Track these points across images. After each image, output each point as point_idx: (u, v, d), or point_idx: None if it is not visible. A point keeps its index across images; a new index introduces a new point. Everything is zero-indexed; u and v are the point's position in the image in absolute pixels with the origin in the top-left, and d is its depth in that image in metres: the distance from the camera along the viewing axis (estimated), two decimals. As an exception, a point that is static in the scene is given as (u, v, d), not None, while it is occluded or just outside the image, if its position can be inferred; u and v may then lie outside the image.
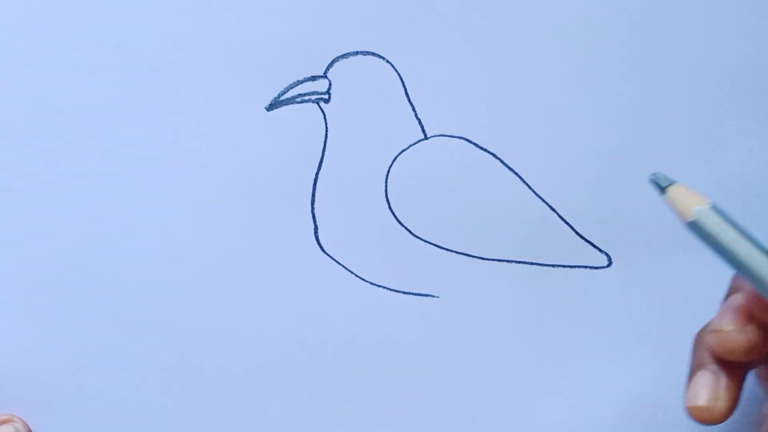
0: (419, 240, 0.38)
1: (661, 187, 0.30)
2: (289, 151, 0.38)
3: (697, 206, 0.29)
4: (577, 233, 0.38)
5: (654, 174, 0.30)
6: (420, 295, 0.38)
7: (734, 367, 0.30)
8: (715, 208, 0.29)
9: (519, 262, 0.38)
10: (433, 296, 0.38)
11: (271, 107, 0.37)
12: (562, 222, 0.38)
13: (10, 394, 0.37)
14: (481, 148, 0.38)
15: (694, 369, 0.32)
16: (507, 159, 0.38)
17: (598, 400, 0.38)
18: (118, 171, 0.37)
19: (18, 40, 0.37)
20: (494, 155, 0.38)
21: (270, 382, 0.38)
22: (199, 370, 0.38)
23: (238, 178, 0.37)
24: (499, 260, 0.38)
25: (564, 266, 0.38)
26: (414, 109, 0.38)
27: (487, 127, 0.38)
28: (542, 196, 0.38)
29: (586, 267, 0.38)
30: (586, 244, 0.38)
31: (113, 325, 0.38)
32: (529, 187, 0.38)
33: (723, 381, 0.31)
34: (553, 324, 0.37)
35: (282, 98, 0.37)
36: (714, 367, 0.31)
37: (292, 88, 0.37)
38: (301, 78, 0.37)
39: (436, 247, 0.38)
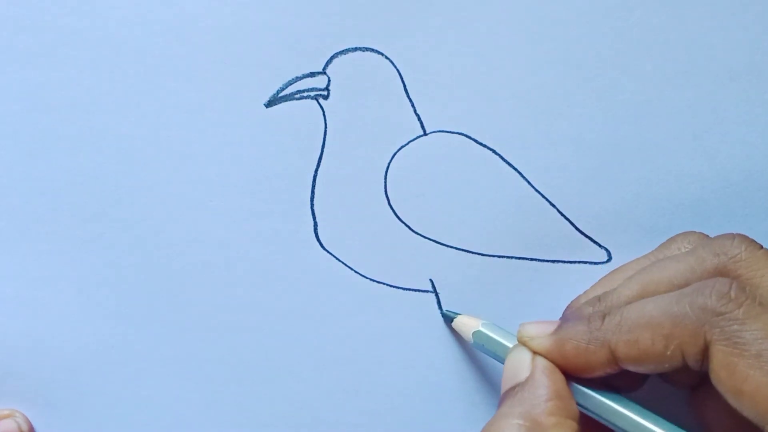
0: (418, 236, 0.38)
1: (450, 318, 0.37)
2: (288, 147, 0.38)
3: (473, 328, 0.36)
4: (576, 229, 0.38)
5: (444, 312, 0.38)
6: (419, 291, 0.38)
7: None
8: (486, 326, 0.36)
9: (518, 258, 0.38)
10: (432, 292, 0.38)
11: (270, 104, 0.37)
12: (562, 217, 0.38)
13: (12, 389, 0.38)
14: (481, 143, 0.38)
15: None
16: (506, 154, 0.38)
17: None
18: (117, 168, 0.37)
19: (15, 37, 0.37)
20: (493, 151, 0.38)
21: (269, 378, 0.38)
22: (199, 366, 0.38)
23: (237, 175, 0.38)
24: (499, 256, 0.38)
25: (564, 262, 0.38)
26: (413, 105, 0.38)
27: (487, 122, 0.38)
28: (542, 192, 0.38)
29: (585, 262, 0.38)
30: (586, 239, 0.38)
31: (113, 321, 0.38)
32: (529, 182, 0.38)
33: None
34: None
35: (281, 95, 0.37)
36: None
37: (290, 84, 0.37)
38: (300, 74, 0.37)
39: (435, 243, 0.38)
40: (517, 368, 0.33)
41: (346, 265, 0.38)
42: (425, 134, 0.38)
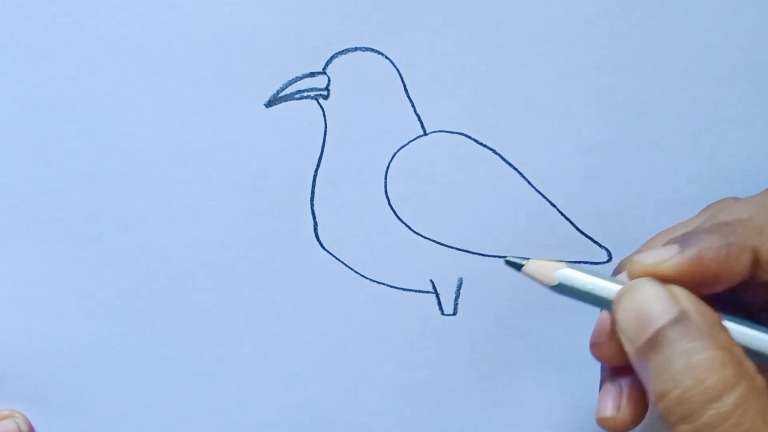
0: (418, 236, 0.38)
1: (518, 265, 0.32)
2: (289, 147, 0.38)
3: (556, 270, 0.31)
4: (577, 229, 0.38)
5: (506, 258, 0.32)
6: (419, 291, 0.38)
7: (634, 377, 0.30)
8: (570, 266, 0.31)
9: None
10: (432, 292, 0.38)
11: (270, 104, 0.37)
12: (562, 217, 0.38)
13: (12, 389, 0.38)
14: (481, 143, 0.38)
15: (602, 380, 0.32)
16: (506, 154, 0.38)
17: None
18: (117, 168, 0.37)
19: (15, 37, 0.37)
20: (494, 151, 0.38)
21: (269, 378, 0.38)
22: (198, 366, 0.38)
23: (237, 175, 0.37)
24: (499, 256, 0.38)
25: (564, 262, 0.38)
26: (413, 105, 0.38)
27: (487, 122, 0.38)
28: (542, 192, 0.38)
29: (585, 262, 0.38)
30: (586, 239, 0.38)
31: (113, 321, 0.38)
32: (529, 182, 0.38)
33: (626, 390, 0.31)
34: (553, 320, 0.37)
35: (281, 95, 0.37)
36: (616, 377, 0.31)
37: (291, 84, 0.37)
38: (300, 74, 0.37)
39: (435, 243, 0.38)
40: (657, 307, 0.27)
41: (346, 265, 0.38)
42: (425, 134, 0.38)
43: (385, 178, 0.38)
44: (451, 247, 0.38)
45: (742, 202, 0.32)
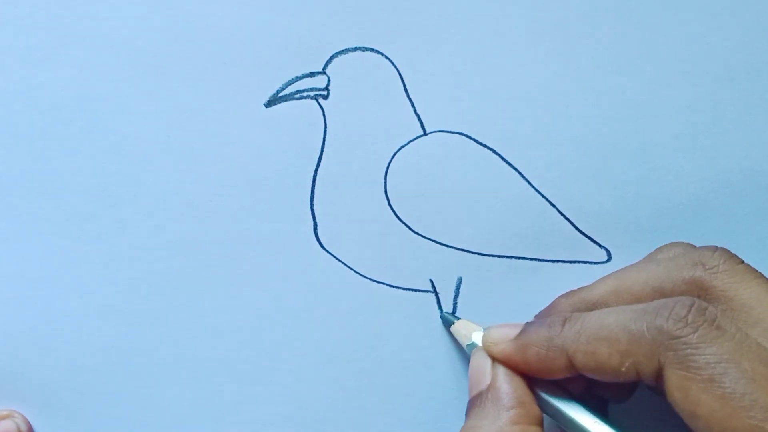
0: (418, 236, 0.38)
1: (449, 323, 0.37)
2: (288, 147, 0.38)
3: (475, 332, 0.35)
4: (576, 228, 0.38)
5: (441, 315, 0.38)
6: (419, 291, 0.38)
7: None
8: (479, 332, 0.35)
9: (518, 258, 0.38)
10: (432, 292, 0.38)
11: (269, 104, 0.37)
12: (562, 217, 0.38)
13: (11, 389, 0.38)
14: (481, 143, 0.38)
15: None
16: (506, 154, 0.38)
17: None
18: (116, 168, 0.37)
19: (13, 37, 0.37)
20: (494, 151, 0.38)
21: (269, 378, 0.38)
22: (198, 366, 0.38)
23: (237, 175, 0.37)
24: (499, 256, 0.38)
25: (563, 261, 0.38)
26: (413, 105, 0.38)
27: (487, 122, 0.38)
28: (541, 192, 0.38)
29: (585, 262, 0.38)
30: (586, 239, 0.38)
31: (112, 321, 0.38)
32: (529, 182, 0.38)
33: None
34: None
35: (281, 95, 0.37)
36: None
37: (290, 84, 0.37)
38: (299, 74, 0.37)
39: (435, 243, 0.38)
40: (479, 375, 0.34)
41: (346, 265, 0.38)
42: (425, 134, 0.38)
43: (385, 178, 0.38)
44: (451, 247, 0.38)
45: (641, 269, 0.34)
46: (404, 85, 0.38)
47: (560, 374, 0.32)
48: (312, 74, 0.37)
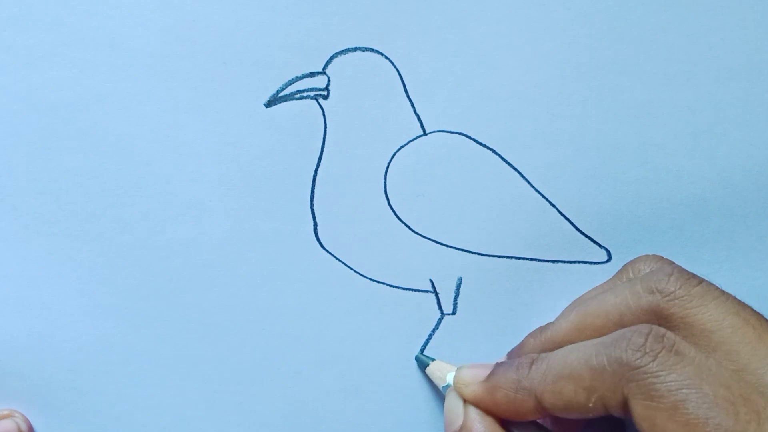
0: (418, 236, 0.38)
1: (424, 364, 0.37)
2: (288, 147, 0.38)
3: (449, 373, 0.36)
4: (576, 228, 0.38)
5: (416, 356, 0.38)
6: (419, 291, 0.38)
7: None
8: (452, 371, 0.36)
9: (518, 258, 0.38)
10: (432, 292, 0.38)
11: (269, 104, 0.37)
12: (562, 217, 0.38)
13: (11, 389, 0.38)
14: (480, 143, 0.38)
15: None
16: (506, 154, 0.38)
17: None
18: (117, 167, 0.37)
19: (15, 37, 0.37)
20: (493, 151, 0.38)
21: (269, 378, 0.38)
22: (198, 366, 0.38)
23: (237, 175, 0.38)
24: (499, 256, 0.38)
25: (564, 262, 0.38)
26: (413, 105, 0.38)
27: (486, 122, 0.38)
28: (542, 192, 0.38)
29: (585, 262, 0.38)
30: (586, 239, 0.38)
31: (112, 320, 0.38)
32: (529, 182, 0.38)
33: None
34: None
35: (281, 95, 0.37)
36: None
37: (290, 84, 0.37)
38: (299, 74, 0.37)
39: (435, 243, 0.38)
40: (452, 416, 0.34)
41: (346, 265, 0.38)
42: (425, 134, 0.38)
43: (385, 178, 0.38)
44: (451, 247, 0.38)
45: (602, 301, 0.34)
46: (404, 85, 0.38)
47: (530, 415, 0.32)
48: (312, 74, 0.37)
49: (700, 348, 0.30)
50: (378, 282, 0.38)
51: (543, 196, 0.38)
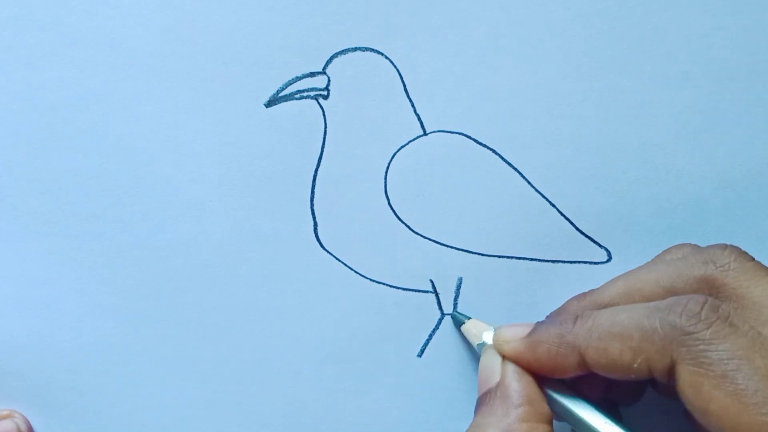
0: (418, 236, 0.38)
1: (460, 322, 0.37)
2: (288, 147, 0.38)
3: (485, 331, 0.35)
4: (576, 228, 0.38)
5: (452, 314, 0.38)
6: (419, 291, 0.38)
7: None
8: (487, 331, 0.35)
9: (519, 258, 0.38)
10: (432, 292, 0.38)
11: (270, 104, 0.37)
12: (562, 217, 0.38)
13: (11, 389, 0.38)
14: (481, 143, 0.38)
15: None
16: (506, 154, 0.38)
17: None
18: (117, 167, 0.37)
19: (15, 37, 0.37)
20: (494, 151, 0.38)
21: (269, 378, 0.38)
22: (198, 366, 0.38)
23: (237, 175, 0.38)
24: (499, 256, 0.38)
25: (564, 262, 0.38)
26: (413, 105, 0.38)
27: (487, 122, 0.38)
28: (542, 192, 0.38)
29: (585, 262, 0.38)
30: (586, 239, 0.38)
31: (112, 320, 0.38)
32: (529, 182, 0.38)
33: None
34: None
35: (281, 95, 0.37)
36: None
37: (290, 84, 0.37)
38: (299, 74, 0.37)
39: (435, 243, 0.38)
40: (489, 373, 0.34)
41: (346, 265, 0.38)
42: (425, 134, 0.38)
43: (385, 178, 0.38)
44: (451, 247, 0.38)
45: (652, 269, 0.34)
46: (404, 85, 0.38)
47: (571, 372, 0.32)
48: (312, 74, 0.37)
49: (752, 321, 0.30)
50: (378, 282, 0.38)
51: (543, 196, 0.38)
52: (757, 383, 0.28)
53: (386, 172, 0.38)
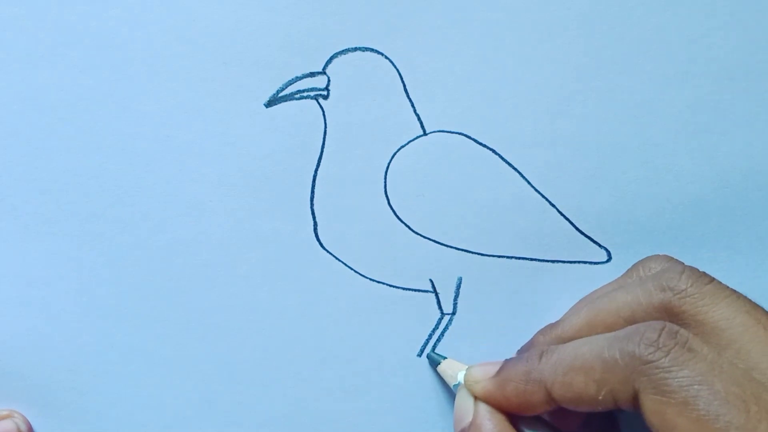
0: (418, 236, 0.38)
1: (436, 362, 0.37)
2: (288, 147, 0.38)
3: (460, 372, 0.36)
4: (576, 228, 0.38)
5: (428, 354, 0.38)
6: (419, 291, 0.38)
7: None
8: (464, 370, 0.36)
9: (518, 258, 0.38)
10: (432, 292, 0.38)
11: (270, 104, 0.37)
12: (562, 217, 0.38)
13: (11, 389, 0.38)
14: (480, 143, 0.38)
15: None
16: (506, 154, 0.38)
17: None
18: (117, 168, 0.37)
19: (15, 37, 0.37)
20: (493, 151, 0.38)
21: (269, 378, 0.38)
22: (198, 366, 0.38)
23: (237, 175, 0.38)
24: (499, 256, 0.38)
25: (563, 261, 0.38)
26: (413, 105, 0.38)
27: (486, 122, 0.38)
28: (541, 192, 0.38)
29: (585, 262, 0.38)
30: (586, 239, 0.38)
31: (112, 320, 0.38)
32: (528, 182, 0.38)
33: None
34: (553, 320, 0.37)
35: (281, 95, 0.37)
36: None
37: (290, 84, 0.37)
38: (299, 74, 0.37)
39: (435, 243, 0.38)
40: (462, 413, 0.34)
41: (346, 265, 0.38)
42: (425, 134, 0.38)
43: (385, 178, 0.38)
44: (451, 247, 0.38)
45: (612, 299, 0.34)
46: (404, 85, 0.38)
47: (540, 408, 0.32)
48: (312, 74, 0.37)
49: (712, 346, 0.30)
50: (378, 282, 0.38)
51: (543, 196, 0.38)
52: (718, 408, 0.27)
53: (386, 172, 0.38)
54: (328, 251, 0.38)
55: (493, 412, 0.33)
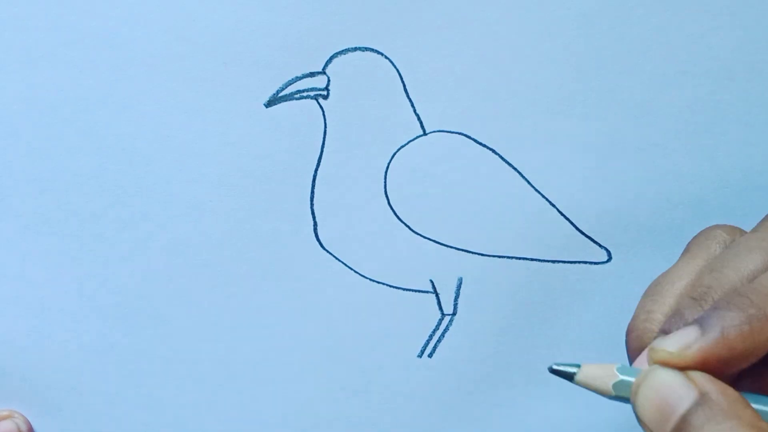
0: (418, 236, 0.38)
1: (570, 374, 0.29)
2: (288, 147, 0.38)
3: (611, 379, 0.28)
4: (576, 228, 0.38)
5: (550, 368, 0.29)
6: (419, 291, 0.38)
7: None
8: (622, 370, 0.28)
9: (518, 258, 0.38)
10: (432, 292, 0.38)
11: (269, 104, 0.37)
12: (562, 217, 0.38)
13: (11, 389, 0.38)
14: (481, 143, 0.38)
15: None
16: (506, 154, 0.38)
17: (596, 396, 0.38)
18: (117, 168, 0.37)
19: (13, 37, 0.37)
20: (493, 151, 0.38)
21: (269, 378, 0.38)
22: (198, 366, 0.38)
23: (237, 175, 0.37)
24: (499, 256, 0.38)
25: (564, 262, 0.38)
26: (413, 105, 0.38)
27: (487, 122, 0.38)
28: (541, 192, 0.38)
29: (585, 262, 0.38)
30: (586, 239, 0.38)
31: (112, 320, 0.38)
32: (529, 182, 0.38)
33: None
34: (553, 319, 0.37)
35: (280, 95, 0.37)
36: None
37: (290, 84, 0.37)
38: (299, 74, 0.37)
39: (435, 243, 0.38)
40: (671, 399, 0.25)
41: (346, 265, 0.38)
42: (425, 134, 0.38)
43: (385, 178, 0.38)
44: (451, 247, 0.38)
45: (736, 251, 0.29)
46: (404, 85, 0.38)
47: (766, 349, 0.26)
48: (312, 74, 0.37)
49: None
50: (378, 282, 0.38)
51: (543, 196, 0.38)
52: None
53: (386, 172, 0.38)
54: (328, 251, 0.38)
55: (715, 379, 0.26)
